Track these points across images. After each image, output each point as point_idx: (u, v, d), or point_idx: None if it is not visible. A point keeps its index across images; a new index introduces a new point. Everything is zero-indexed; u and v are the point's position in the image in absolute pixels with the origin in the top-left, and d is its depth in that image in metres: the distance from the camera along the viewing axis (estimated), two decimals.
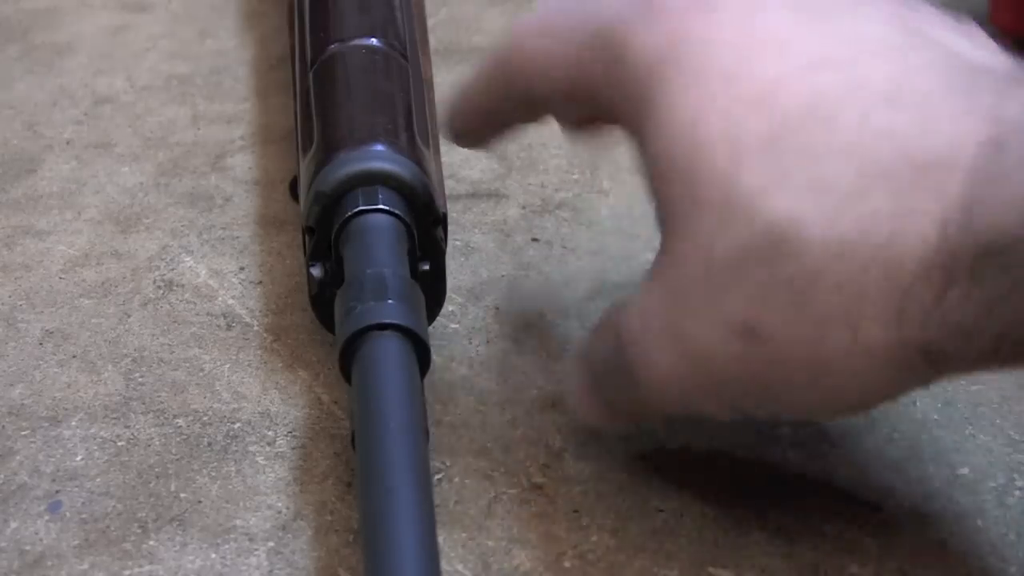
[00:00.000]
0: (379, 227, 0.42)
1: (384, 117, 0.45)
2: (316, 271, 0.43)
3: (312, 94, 0.47)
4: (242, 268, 0.48)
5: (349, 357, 0.39)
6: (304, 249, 0.43)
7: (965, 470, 0.40)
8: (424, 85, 0.49)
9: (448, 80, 0.58)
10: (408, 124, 0.45)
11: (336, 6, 0.50)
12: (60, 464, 0.40)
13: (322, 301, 0.42)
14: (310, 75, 0.48)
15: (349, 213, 0.42)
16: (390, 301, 0.39)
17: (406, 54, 0.48)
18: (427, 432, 0.38)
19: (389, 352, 0.38)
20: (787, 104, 0.33)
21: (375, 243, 0.41)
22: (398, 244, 0.42)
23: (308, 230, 0.43)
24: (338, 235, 0.42)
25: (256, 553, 0.37)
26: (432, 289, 0.43)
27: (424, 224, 0.43)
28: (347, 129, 0.44)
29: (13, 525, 0.38)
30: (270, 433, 0.41)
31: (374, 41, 0.48)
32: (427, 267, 0.43)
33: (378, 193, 0.42)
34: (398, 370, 0.38)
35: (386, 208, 0.42)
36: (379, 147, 0.43)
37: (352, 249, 0.41)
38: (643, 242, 0.49)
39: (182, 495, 0.39)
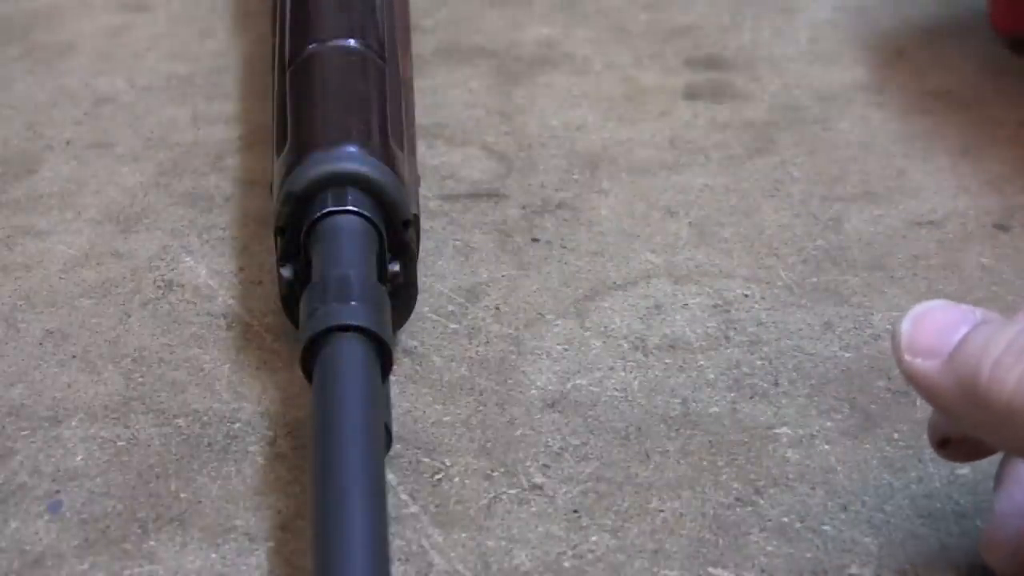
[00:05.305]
0: (347, 228, 0.42)
1: (358, 119, 0.45)
2: (286, 272, 0.43)
3: (288, 94, 0.47)
4: (242, 268, 0.48)
5: (312, 358, 0.39)
6: (275, 249, 0.43)
7: (965, 470, 0.39)
8: (402, 87, 0.49)
9: (448, 80, 0.58)
10: (382, 126, 0.45)
11: (315, 7, 0.50)
12: (60, 464, 0.40)
13: (292, 301, 0.42)
14: (287, 75, 0.48)
15: (318, 214, 0.42)
16: (353, 303, 0.39)
17: (384, 55, 0.48)
18: (389, 432, 0.38)
19: (349, 354, 0.38)
20: None
21: (342, 244, 0.41)
22: (365, 245, 0.42)
23: (279, 230, 0.43)
24: (307, 236, 0.42)
25: (256, 553, 0.37)
26: (403, 290, 0.43)
27: (394, 226, 0.43)
28: (320, 130, 0.44)
29: (13, 525, 0.38)
30: (270, 433, 0.41)
31: (352, 42, 0.48)
32: (397, 268, 0.43)
33: (347, 194, 0.42)
34: (357, 372, 0.38)
35: (354, 209, 0.42)
36: (351, 148, 0.43)
37: (319, 250, 0.41)
38: (643, 242, 0.49)
39: (182, 495, 0.39)
